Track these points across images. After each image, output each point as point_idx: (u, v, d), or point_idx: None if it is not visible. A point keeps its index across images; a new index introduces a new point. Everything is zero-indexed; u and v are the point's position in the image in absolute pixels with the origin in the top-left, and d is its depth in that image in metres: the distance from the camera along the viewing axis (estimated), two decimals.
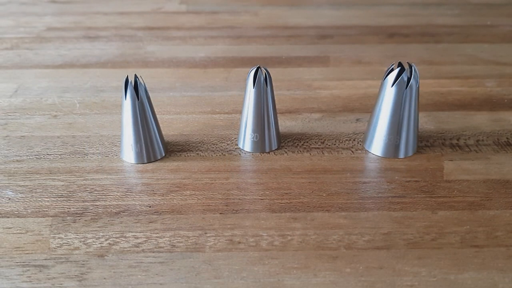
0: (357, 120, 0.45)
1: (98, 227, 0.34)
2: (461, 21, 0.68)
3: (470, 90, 0.51)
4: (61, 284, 0.30)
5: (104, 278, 0.30)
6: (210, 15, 0.71)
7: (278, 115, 0.42)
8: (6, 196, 0.36)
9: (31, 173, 0.39)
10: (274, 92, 0.40)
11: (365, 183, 0.38)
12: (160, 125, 0.41)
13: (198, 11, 0.72)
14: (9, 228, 0.34)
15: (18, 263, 0.31)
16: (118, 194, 0.37)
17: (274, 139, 0.41)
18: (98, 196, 0.36)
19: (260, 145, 0.41)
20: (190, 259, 0.32)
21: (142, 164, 0.40)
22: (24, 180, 0.38)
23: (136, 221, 0.34)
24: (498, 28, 0.66)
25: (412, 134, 0.40)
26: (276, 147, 0.41)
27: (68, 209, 0.35)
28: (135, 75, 0.38)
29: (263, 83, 0.39)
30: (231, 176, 0.38)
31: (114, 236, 0.33)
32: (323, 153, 0.41)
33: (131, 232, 0.33)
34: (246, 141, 0.41)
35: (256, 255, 0.32)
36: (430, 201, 0.36)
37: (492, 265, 0.31)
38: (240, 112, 0.46)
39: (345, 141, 0.42)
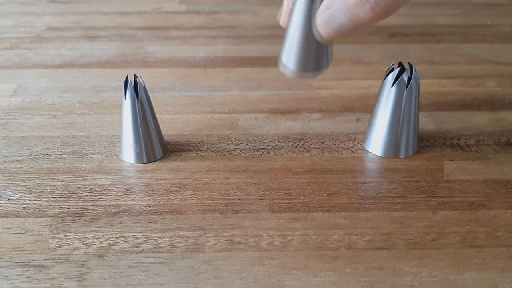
0: (357, 120, 0.45)
1: (98, 227, 0.34)
2: (461, 21, 0.68)
3: (470, 90, 0.50)
4: (60, 284, 0.30)
5: (104, 279, 0.30)
6: (210, 15, 0.71)
7: (278, 114, 0.42)
8: (6, 196, 0.36)
9: (31, 173, 0.39)
10: (275, 92, 0.40)
11: (365, 183, 0.38)
12: (160, 125, 0.40)
13: (198, 11, 0.72)
14: (9, 228, 0.34)
15: (18, 263, 0.31)
16: (117, 194, 0.37)
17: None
18: (97, 196, 0.36)
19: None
20: (190, 259, 0.31)
21: (141, 164, 0.40)
22: (23, 180, 0.38)
23: (135, 221, 0.34)
24: (498, 28, 0.66)
25: (412, 134, 0.40)
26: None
27: (68, 209, 0.35)
28: (135, 75, 0.38)
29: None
30: (231, 176, 0.38)
31: (113, 236, 0.33)
32: (323, 153, 0.41)
33: (131, 232, 0.33)
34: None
35: (256, 255, 0.32)
36: (431, 201, 0.36)
37: (493, 265, 0.31)
38: (240, 112, 0.46)
39: (345, 141, 0.42)
